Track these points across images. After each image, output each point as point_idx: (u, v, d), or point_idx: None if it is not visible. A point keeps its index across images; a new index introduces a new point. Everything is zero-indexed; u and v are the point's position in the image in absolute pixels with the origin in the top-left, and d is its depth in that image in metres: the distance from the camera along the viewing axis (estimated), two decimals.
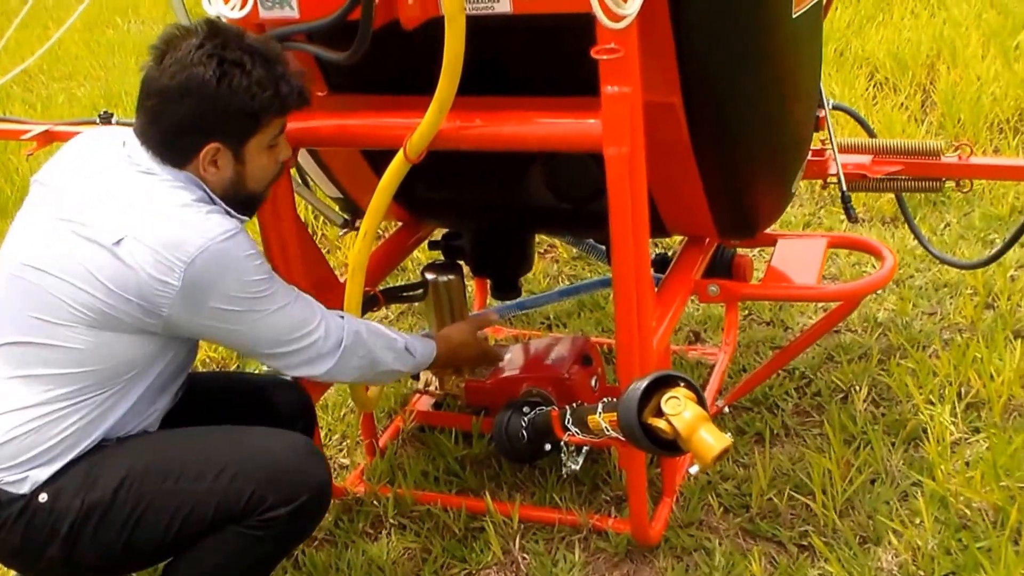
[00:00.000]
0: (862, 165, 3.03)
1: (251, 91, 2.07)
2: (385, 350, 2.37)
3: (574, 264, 4.10)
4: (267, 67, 2.09)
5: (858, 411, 3.01)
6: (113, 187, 2.11)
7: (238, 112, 2.09)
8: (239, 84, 2.06)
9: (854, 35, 6.13)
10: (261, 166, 2.20)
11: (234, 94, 2.06)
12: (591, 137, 2.09)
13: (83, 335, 2.06)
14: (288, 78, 2.12)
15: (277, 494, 2.12)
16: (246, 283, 2.09)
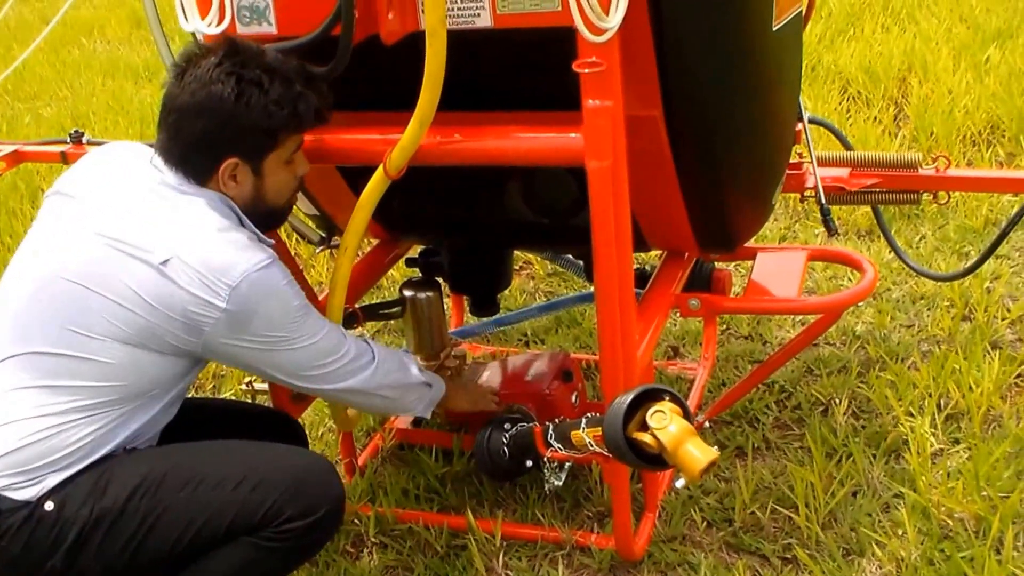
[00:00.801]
0: (840, 178, 3.04)
1: (268, 109, 2.10)
2: (411, 367, 2.46)
3: (550, 280, 4.09)
4: (285, 85, 2.11)
5: (839, 424, 3.01)
6: (150, 205, 2.13)
7: (255, 129, 2.11)
8: (257, 102, 2.09)
9: (826, 50, 6.17)
10: (280, 181, 2.22)
11: (251, 111, 2.09)
12: (573, 151, 2.08)
13: (116, 350, 2.07)
14: (306, 96, 2.14)
15: (297, 506, 2.11)
16: (288, 310, 2.14)
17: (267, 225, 2.27)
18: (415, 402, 2.48)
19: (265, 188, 2.20)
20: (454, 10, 2.06)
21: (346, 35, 2.00)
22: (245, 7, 2.16)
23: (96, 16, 9.44)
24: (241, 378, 3.39)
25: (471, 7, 2.06)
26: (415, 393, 2.47)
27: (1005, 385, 3.10)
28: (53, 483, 2.05)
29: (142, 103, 6.48)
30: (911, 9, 6.83)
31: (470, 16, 2.07)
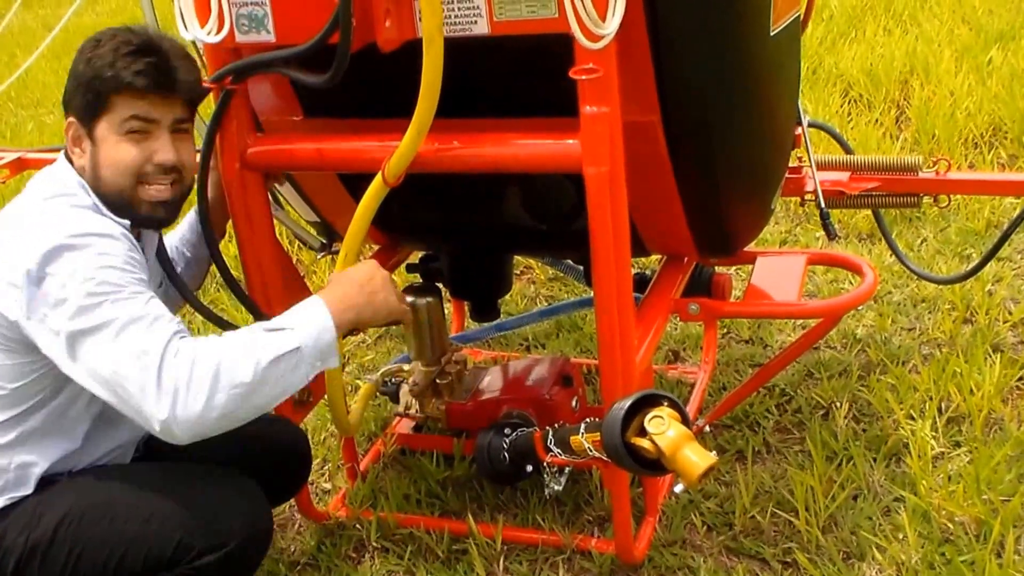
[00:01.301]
0: (840, 182, 3.05)
1: (94, 65, 2.07)
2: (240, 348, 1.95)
3: (551, 285, 4.10)
4: (133, 49, 2.08)
5: (839, 427, 3.01)
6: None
7: (85, 86, 2.09)
8: (95, 59, 2.08)
9: (827, 52, 6.19)
10: (112, 154, 2.11)
11: (88, 67, 2.08)
12: (571, 157, 2.08)
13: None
14: (150, 63, 2.08)
15: (204, 541, 2.03)
16: (80, 288, 1.93)
17: (119, 213, 2.12)
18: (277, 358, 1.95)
19: (99, 159, 2.11)
20: (451, 17, 2.06)
21: (344, 43, 2.01)
22: (244, 15, 2.17)
23: (98, 23, 9.49)
24: None
25: (468, 14, 2.06)
26: (269, 348, 1.95)
27: (1006, 388, 3.11)
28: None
29: None
30: (913, 11, 6.84)
31: (467, 23, 2.07)
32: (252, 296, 2.47)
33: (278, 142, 2.37)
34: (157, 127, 2.13)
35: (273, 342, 1.95)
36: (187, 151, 2.20)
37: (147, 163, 2.13)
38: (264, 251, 2.45)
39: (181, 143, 2.18)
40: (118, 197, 2.12)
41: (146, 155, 2.13)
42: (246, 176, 2.35)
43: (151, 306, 1.96)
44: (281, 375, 1.94)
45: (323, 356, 2.01)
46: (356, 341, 3.76)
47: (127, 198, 2.13)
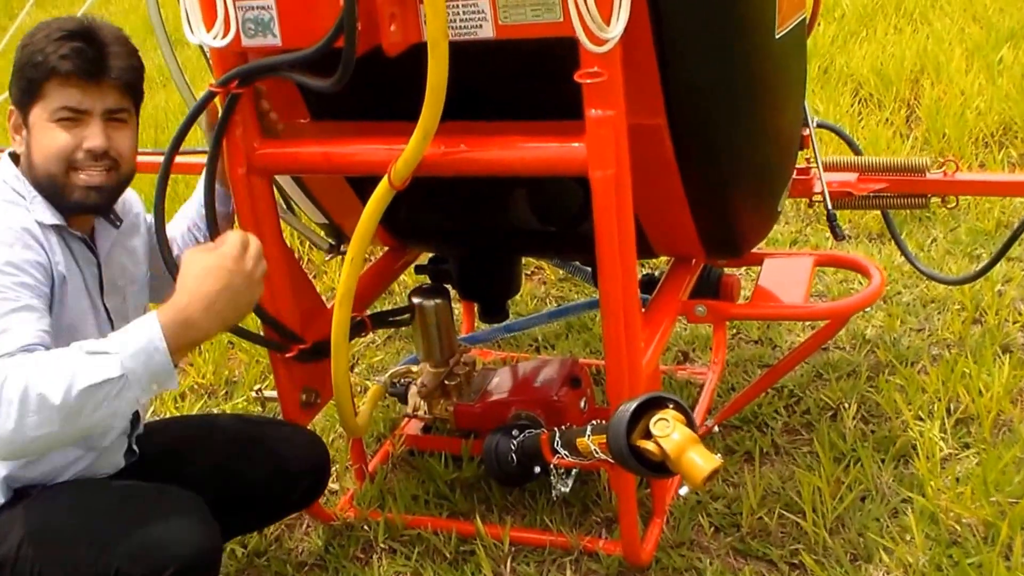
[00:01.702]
0: (847, 183, 3.04)
1: (27, 51, 2.08)
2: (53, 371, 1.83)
3: (561, 285, 4.10)
4: (68, 35, 2.07)
5: (847, 428, 3.01)
6: None
7: (18, 71, 2.10)
8: (31, 46, 2.08)
9: (838, 51, 6.16)
10: (42, 139, 2.10)
11: (23, 54, 2.09)
12: (577, 161, 2.09)
13: None
14: (78, 50, 2.07)
15: (141, 568, 1.96)
16: None
17: (54, 201, 2.11)
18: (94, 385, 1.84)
19: (32, 145, 2.11)
20: (456, 21, 2.07)
21: (349, 48, 2.01)
22: (250, 19, 2.18)
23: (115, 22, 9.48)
24: (250, 385, 3.43)
25: (473, 18, 2.07)
26: (88, 374, 1.83)
27: (1015, 389, 3.10)
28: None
29: (155, 108, 6.47)
30: (924, 9, 6.81)
31: (472, 27, 2.08)
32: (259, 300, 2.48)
33: (284, 146, 2.38)
34: (88, 115, 2.11)
35: (91, 368, 1.83)
36: (122, 139, 2.16)
37: (77, 150, 2.10)
38: (271, 254, 2.44)
39: (115, 131, 2.15)
40: (49, 183, 2.11)
41: (76, 141, 2.10)
42: (252, 180, 2.36)
43: (6, 316, 1.91)
44: (101, 401, 1.83)
45: (158, 379, 1.89)
46: (365, 342, 3.77)
47: (58, 184, 2.11)
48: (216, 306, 1.94)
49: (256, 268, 2.03)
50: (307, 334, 2.55)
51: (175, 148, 2.33)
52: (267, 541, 2.80)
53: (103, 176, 2.13)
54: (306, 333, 2.55)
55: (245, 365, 3.69)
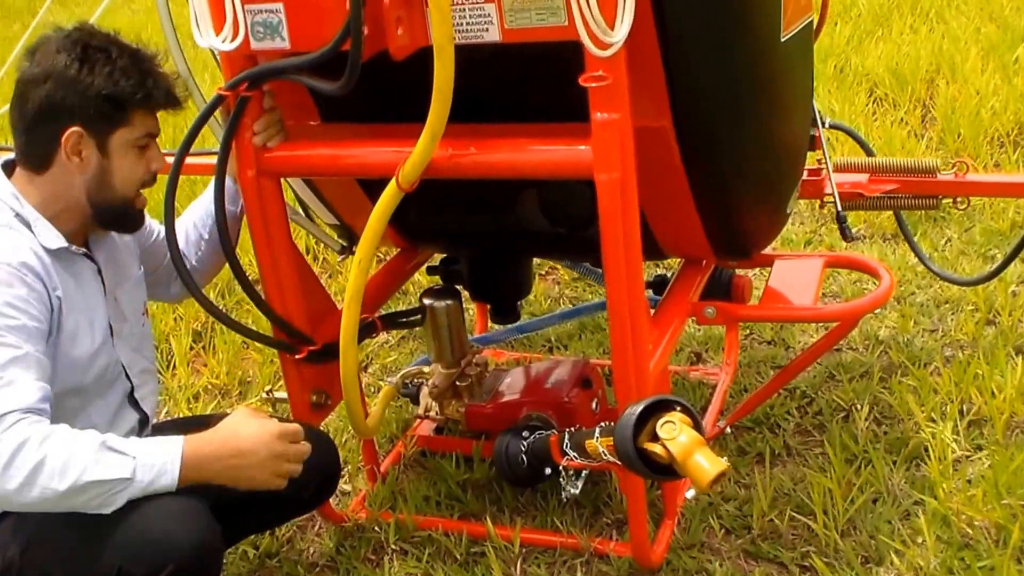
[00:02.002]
0: (859, 184, 3.04)
1: (114, 77, 2.11)
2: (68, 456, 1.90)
3: (575, 285, 4.10)
4: (134, 60, 2.14)
5: (859, 430, 3.00)
6: None
7: (99, 96, 2.12)
8: (101, 69, 2.11)
9: (853, 51, 6.15)
10: (128, 166, 2.18)
11: (95, 77, 2.11)
12: (582, 164, 2.09)
13: None
14: (156, 76, 2.16)
15: (141, 567, 1.97)
16: None
17: (117, 224, 2.25)
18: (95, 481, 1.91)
19: (112, 170, 2.17)
20: (463, 25, 2.08)
21: (355, 51, 2.02)
22: (259, 23, 2.19)
23: (134, 22, 9.47)
24: (263, 386, 3.44)
25: (479, 22, 2.07)
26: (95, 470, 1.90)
27: None
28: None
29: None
30: (940, 8, 6.79)
31: (479, 31, 2.08)
32: (269, 301, 2.50)
33: (293, 148, 2.39)
34: (152, 139, 2.23)
35: (108, 468, 1.91)
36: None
37: (148, 172, 2.23)
38: (281, 256, 2.47)
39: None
40: (121, 206, 2.20)
41: (147, 165, 2.22)
42: (262, 182, 2.38)
43: (9, 367, 1.94)
44: (100, 494, 1.91)
45: (153, 492, 1.96)
46: (379, 342, 3.78)
47: (128, 206, 2.23)
48: (233, 462, 2.03)
49: (286, 460, 2.09)
50: (317, 335, 2.56)
51: (185, 150, 2.35)
52: (279, 542, 2.81)
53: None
54: (316, 334, 2.56)
55: (259, 366, 3.70)
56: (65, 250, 2.17)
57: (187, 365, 3.76)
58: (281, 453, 2.08)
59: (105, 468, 1.90)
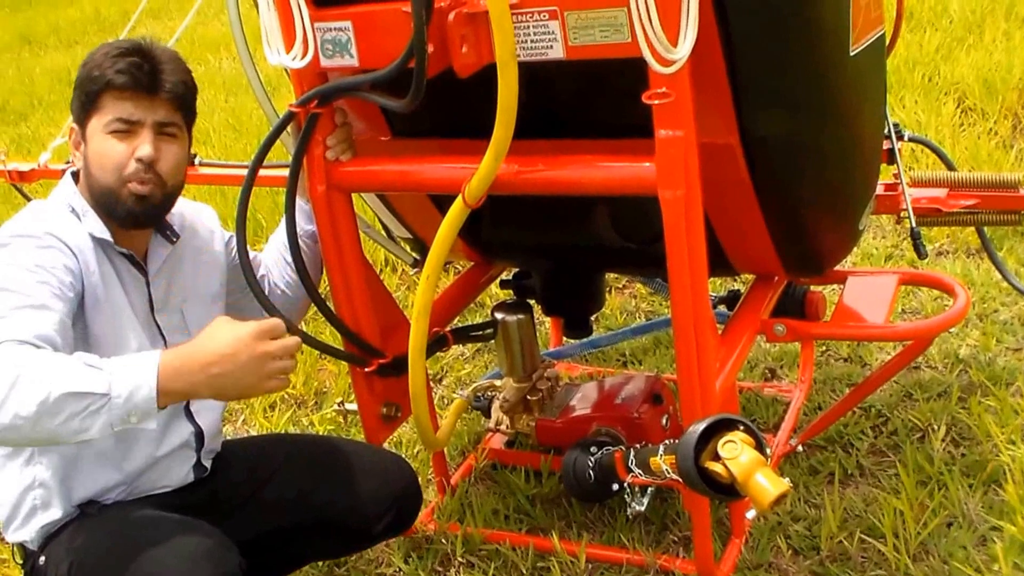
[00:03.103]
0: (937, 199, 2.97)
1: (88, 67, 2.16)
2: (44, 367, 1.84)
3: (651, 300, 4.08)
4: (124, 52, 2.16)
5: (935, 451, 2.94)
6: None
7: (78, 87, 2.18)
8: (90, 63, 2.17)
9: (943, 60, 6.01)
10: (101, 152, 2.16)
11: (83, 70, 2.18)
12: (646, 181, 2.08)
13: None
14: (129, 63, 2.14)
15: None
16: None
17: (109, 212, 2.19)
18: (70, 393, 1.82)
19: (88, 156, 2.19)
20: (527, 42, 2.09)
21: (419, 69, 2.04)
22: (328, 40, 2.23)
23: (224, 33, 9.62)
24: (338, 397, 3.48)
25: (543, 39, 2.08)
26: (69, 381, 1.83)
27: None
28: (29, 536, 2.19)
29: (261, 120, 6.57)
30: None
31: (543, 48, 2.09)
32: (339, 314, 2.53)
33: (362, 164, 2.42)
34: (140, 127, 2.17)
35: (80, 377, 1.83)
36: (170, 153, 2.21)
37: (129, 160, 2.16)
38: (351, 269, 2.50)
39: (165, 144, 2.20)
40: (103, 195, 2.18)
41: (129, 151, 2.16)
42: (332, 196, 2.41)
43: (15, 310, 1.94)
44: (75, 413, 1.82)
45: (136, 413, 1.87)
46: (453, 354, 3.81)
47: (112, 195, 2.17)
48: (213, 369, 1.91)
49: (270, 359, 1.95)
50: (387, 348, 2.59)
51: (258, 164, 2.39)
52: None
53: (148, 187, 2.18)
54: (386, 347, 2.59)
55: (335, 377, 3.75)
56: (109, 244, 2.20)
57: None
58: (263, 353, 1.94)
59: (81, 380, 1.82)
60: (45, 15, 13.34)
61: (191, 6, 3.51)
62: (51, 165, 3.74)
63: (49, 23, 12.71)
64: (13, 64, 10.85)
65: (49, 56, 11.01)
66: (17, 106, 8.88)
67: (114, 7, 12.56)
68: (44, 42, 11.92)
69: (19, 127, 8.16)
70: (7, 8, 14.32)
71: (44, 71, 10.00)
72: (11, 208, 5.70)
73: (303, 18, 2.21)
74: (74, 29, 12.16)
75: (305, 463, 2.50)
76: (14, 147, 7.19)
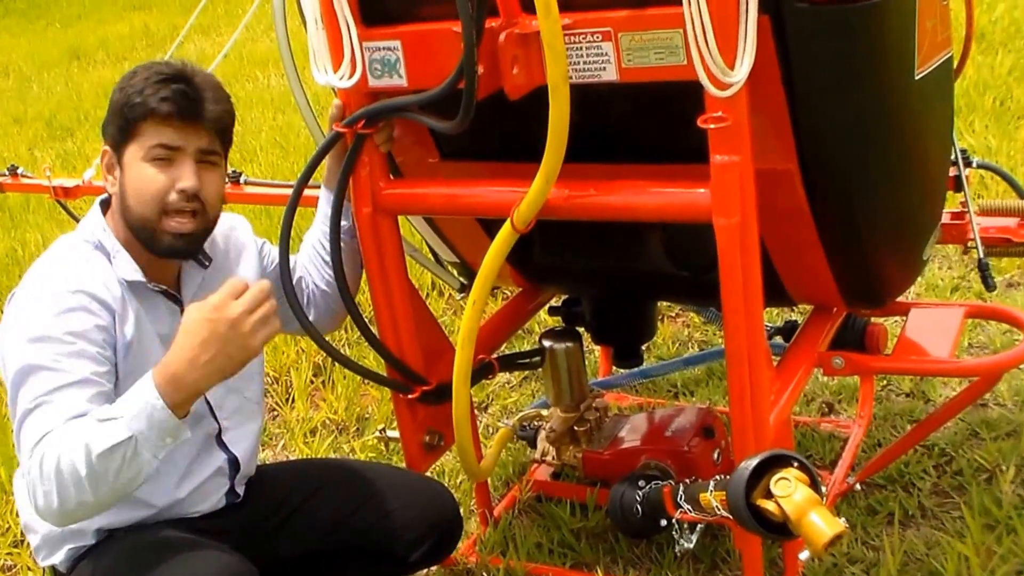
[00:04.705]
0: (1007, 228, 2.86)
1: (127, 92, 2.11)
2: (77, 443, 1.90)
3: (704, 329, 3.99)
4: (163, 78, 2.11)
5: (1004, 493, 2.82)
6: None
7: (115, 113, 2.13)
8: (129, 88, 2.11)
9: (1016, 82, 5.86)
10: (139, 180, 2.12)
11: (121, 95, 2.12)
12: (700, 207, 2.02)
13: None
14: (172, 90, 2.10)
15: None
16: (17, 345, 2.01)
17: (146, 244, 2.16)
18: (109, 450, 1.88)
19: (125, 184, 2.13)
20: (580, 64, 2.03)
21: (469, 90, 1.99)
22: (376, 60, 2.19)
23: (274, 49, 9.61)
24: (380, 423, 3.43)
25: (596, 61, 2.02)
26: (100, 439, 1.88)
27: None
28: (60, 559, 2.19)
29: (308, 139, 6.55)
30: None
31: (596, 70, 2.03)
32: (383, 339, 2.48)
33: (409, 186, 2.38)
34: (181, 154, 2.13)
35: (104, 434, 1.87)
36: (211, 182, 2.18)
37: (170, 191, 2.11)
38: (396, 294, 2.45)
39: (206, 172, 2.16)
40: (142, 227, 2.14)
41: (170, 182, 2.12)
42: (378, 219, 2.37)
43: (56, 391, 1.96)
44: (121, 464, 1.87)
45: (166, 434, 1.90)
46: (500, 382, 3.74)
47: (150, 228, 2.13)
48: (200, 359, 1.89)
49: (244, 314, 1.92)
50: (431, 375, 2.54)
51: (303, 184, 2.36)
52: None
53: (191, 223, 2.14)
54: (430, 374, 2.54)
55: (377, 403, 3.70)
56: (142, 284, 2.17)
57: (306, 399, 3.78)
58: (235, 316, 1.91)
59: (104, 437, 1.86)
60: (94, 30, 13.49)
61: (240, 22, 3.49)
62: (95, 182, 3.74)
63: (98, 38, 12.84)
64: (61, 79, 10.99)
65: (97, 71, 11.14)
66: (64, 121, 8.96)
67: (163, 22, 12.72)
68: (93, 57, 12.05)
69: (65, 143, 8.24)
70: (58, 24, 14.54)
71: (92, 86, 10.11)
72: (55, 224, 5.78)
73: (351, 37, 2.17)
74: (123, 44, 12.29)
75: (343, 488, 2.46)
76: (60, 162, 7.27)
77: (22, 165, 4.23)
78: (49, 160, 6.91)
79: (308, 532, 2.34)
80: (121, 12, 14.38)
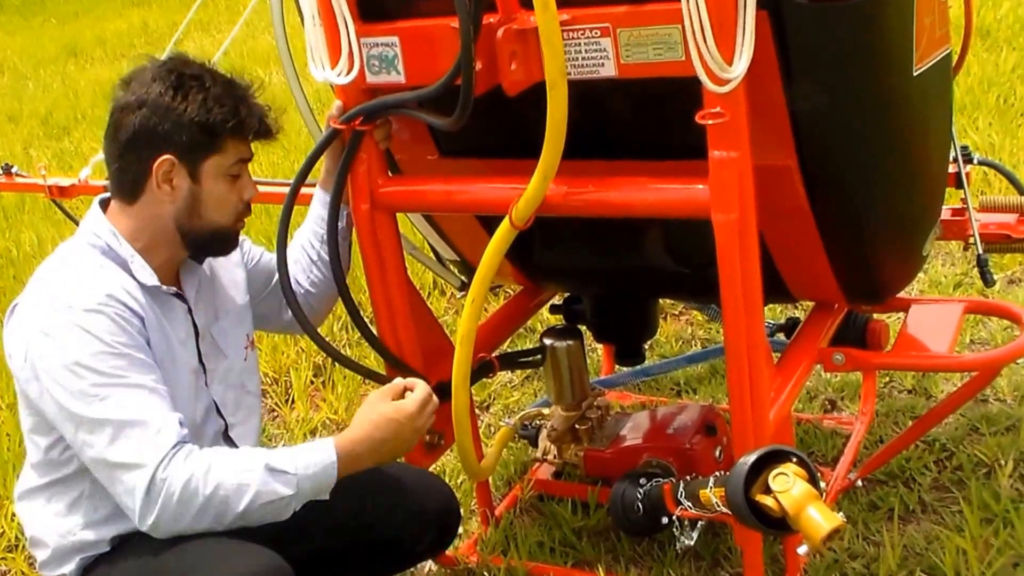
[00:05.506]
0: (1006, 224, 2.85)
1: (207, 105, 2.10)
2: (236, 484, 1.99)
3: (708, 327, 3.98)
4: (228, 88, 2.14)
5: (1002, 487, 2.82)
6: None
7: (192, 124, 2.10)
8: (195, 97, 2.10)
9: (1020, 80, 5.85)
10: (220, 193, 2.16)
11: (189, 104, 2.10)
12: (699, 203, 2.01)
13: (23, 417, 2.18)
14: (249, 104, 2.16)
15: None
16: (70, 366, 2.00)
17: (211, 249, 2.25)
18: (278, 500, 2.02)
19: (203, 197, 2.15)
20: (578, 60, 2.03)
21: (466, 86, 1.99)
22: (374, 56, 2.19)
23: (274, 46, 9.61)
24: None
25: (595, 57, 2.02)
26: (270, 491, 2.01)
27: None
28: (72, 569, 2.17)
29: (309, 137, 6.53)
30: None
31: (594, 66, 2.03)
32: (382, 338, 2.48)
33: (407, 183, 2.37)
34: (245, 166, 2.22)
35: (272, 486, 2.00)
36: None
37: (240, 201, 2.22)
38: (395, 292, 2.45)
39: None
40: (215, 233, 2.20)
41: (240, 193, 2.21)
42: (376, 216, 2.37)
43: (150, 406, 2.00)
44: (269, 512, 2.02)
45: (318, 495, 2.08)
46: (502, 381, 3.74)
47: (224, 234, 2.23)
48: (382, 450, 2.14)
49: (426, 423, 2.21)
50: (431, 374, 2.52)
51: (300, 181, 2.36)
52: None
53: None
54: (430, 373, 2.52)
55: None
56: (157, 289, 2.17)
57: (306, 399, 3.78)
58: (421, 427, 2.19)
59: (273, 490, 2.00)
60: (91, 27, 13.40)
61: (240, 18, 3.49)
62: (92, 181, 3.72)
63: (95, 35, 12.77)
64: (58, 77, 10.93)
65: (94, 69, 11.07)
66: (60, 120, 8.91)
67: (162, 19, 12.65)
68: (90, 54, 11.99)
69: (61, 141, 8.20)
70: (54, 20, 14.47)
71: (88, 84, 10.05)
72: (50, 225, 5.77)
73: (349, 33, 2.17)
74: (121, 41, 12.23)
75: (348, 486, 2.44)
76: (56, 161, 7.24)
77: (17, 164, 4.21)
78: (45, 159, 6.88)
79: (317, 531, 2.33)
80: (119, 8, 14.31)
